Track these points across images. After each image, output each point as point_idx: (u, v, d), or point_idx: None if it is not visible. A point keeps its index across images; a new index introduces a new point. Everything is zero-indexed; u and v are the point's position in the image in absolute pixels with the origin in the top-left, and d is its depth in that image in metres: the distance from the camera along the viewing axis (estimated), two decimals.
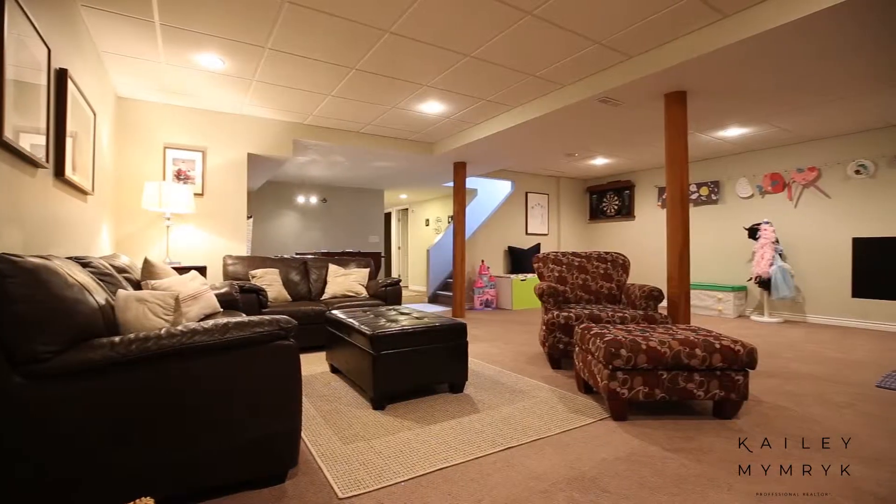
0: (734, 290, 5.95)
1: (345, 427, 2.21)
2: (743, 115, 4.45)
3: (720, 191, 6.46)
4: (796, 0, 2.56)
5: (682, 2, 2.70)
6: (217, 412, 1.47)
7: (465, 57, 3.42)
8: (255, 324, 1.55)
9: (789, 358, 3.65)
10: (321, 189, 8.68)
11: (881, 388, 2.83)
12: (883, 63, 3.23)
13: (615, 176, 8.02)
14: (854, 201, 5.20)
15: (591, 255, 3.92)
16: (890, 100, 4.04)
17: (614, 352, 2.23)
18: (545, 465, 1.83)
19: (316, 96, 4.26)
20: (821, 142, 5.46)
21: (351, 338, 2.74)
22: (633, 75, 3.43)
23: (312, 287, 4.66)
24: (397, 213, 11.77)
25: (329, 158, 6.22)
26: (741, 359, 2.23)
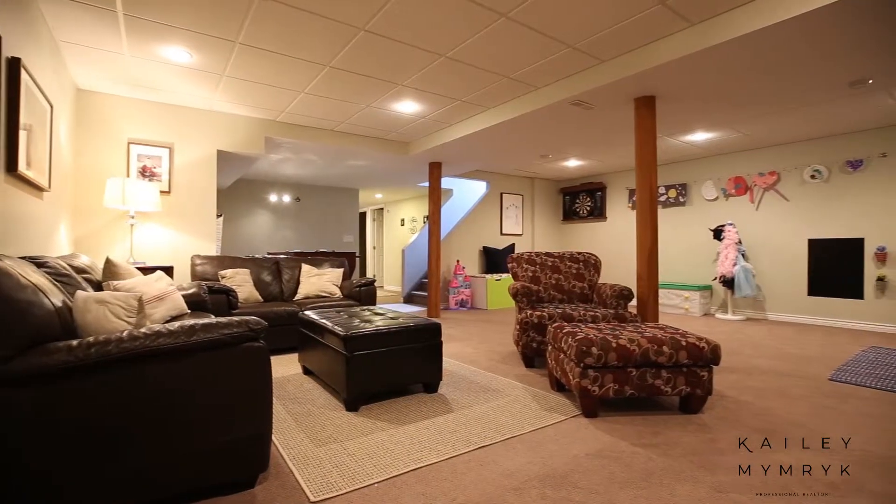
0: (700, 290, 6.16)
1: (317, 429, 2.17)
2: (709, 120, 4.61)
3: (687, 193, 6.67)
4: (758, 12, 2.67)
5: (650, 9, 2.78)
6: (183, 417, 1.43)
7: (440, 57, 3.42)
8: (224, 325, 1.51)
9: (750, 354, 3.80)
10: (294, 187, 8.53)
11: (833, 382, 2.98)
12: (836, 75, 3.40)
13: (588, 178, 8.18)
14: (810, 204, 5.46)
15: (564, 255, 3.98)
16: (840, 109, 4.26)
17: (585, 350, 2.27)
18: (518, 462, 1.85)
19: (289, 93, 4.18)
20: (780, 147, 5.71)
21: (324, 339, 2.70)
22: (604, 79, 3.51)
23: (285, 287, 4.58)
24: (372, 213, 11.67)
25: (302, 157, 6.12)
26: (706, 355, 2.31)
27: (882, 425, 2.24)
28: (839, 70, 3.34)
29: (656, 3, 2.72)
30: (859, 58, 3.12)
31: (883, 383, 2.90)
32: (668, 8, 2.77)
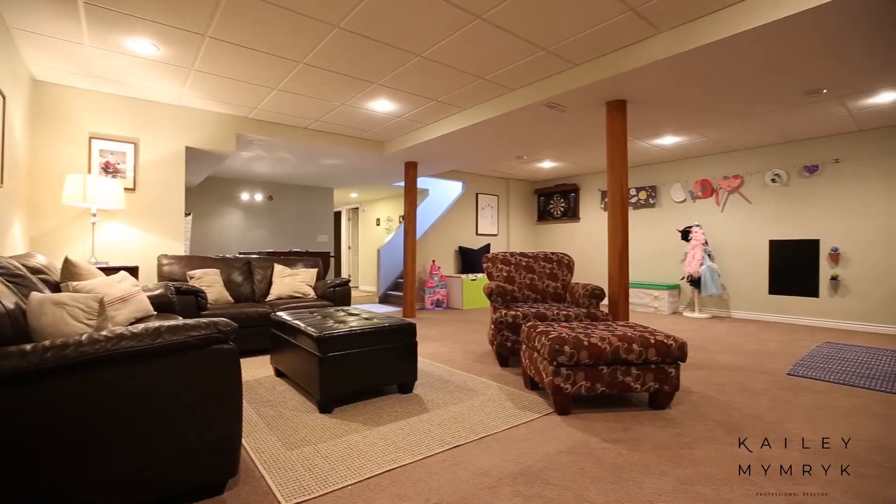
0: (669, 289, 6.35)
1: (290, 432, 2.14)
2: (677, 124, 4.75)
3: (657, 195, 6.87)
4: (722, 22, 2.77)
5: (622, 15, 2.85)
6: (148, 423, 1.38)
7: (415, 56, 3.41)
8: (191, 327, 1.46)
9: (715, 351, 3.94)
10: (267, 186, 8.35)
11: (791, 376, 3.12)
12: (793, 84, 3.56)
13: (562, 179, 8.32)
14: (770, 207, 5.71)
15: (538, 255, 4.04)
16: (798, 117, 4.47)
17: (558, 349, 2.31)
18: (492, 461, 1.86)
19: (261, 89, 4.09)
20: (744, 152, 5.94)
21: (297, 340, 2.66)
22: (577, 83, 3.57)
23: (256, 288, 4.48)
24: (347, 212, 11.55)
25: (275, 155, 6.00)
26: (673, 352, 2.38)
27: (834, 417, 2.36)
28: (796, 79, 3.50)
29: (627, 10, 2.79)
30: (814, 69, 3.28)
31: (835, 377, 3.06)
32: (638, 15, 2.84)
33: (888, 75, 3.44)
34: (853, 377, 3.05)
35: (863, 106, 4.19)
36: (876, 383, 2.91)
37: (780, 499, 1.58)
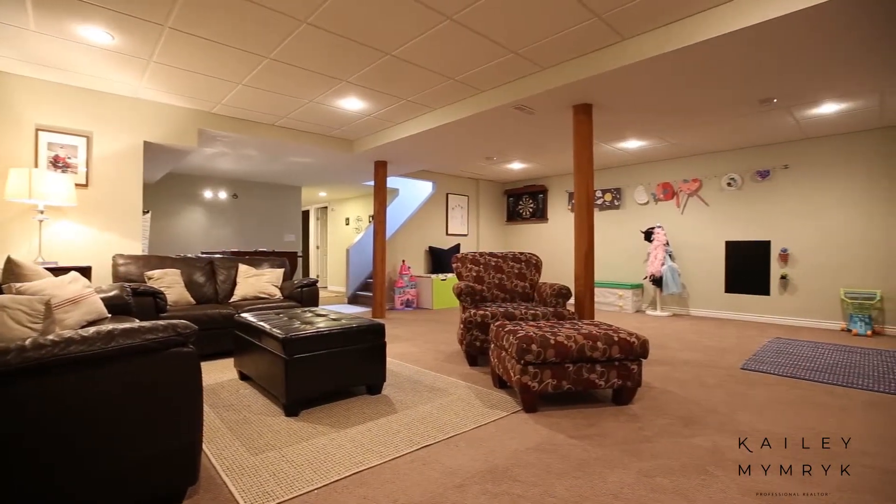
0: (632, 288, 6.56)
1: (254, 437, 2.08)
2: (640, 129, 4.91)
3: (621, 197, 7.08)
4: (681, 32, 2.88)
5: (587, 22, 2.92)
6: (101, 431, 1.31)
7: (385, 55, 3.39)
8: (148, 330, 1.40)
9: (676, 347, 4.10)
10: (231, 183, 8.10)
11: (744, 370, 3.28)
12: (747, 92, 3.75)
13: (531, 180, 8.45)
14: (726, 209, 5.98)
15: (506, 255, 4.09)
16: (751, 124, 4.70)
17: (526, 347, 2.35)
18: (460, 460, 1.87)
19: (225, 84, 3.97)
20: (702, 156, 6.21)
21: (262, 342, 2.59)
22: (545, 86, 3.64)
23: (220, 289, 4.34)
24: (316, 212, 11.34)
25: (240, 151, 5.83)
26: (636, 350, 2.46)
27: (782, 408, 2.50)
28: (749, 89, 3.68)
29: (593, 17, 2.86)
30: (765, 80, 3.47)
31: (784, 370, 3.24)
32: (603, 22, 2.92)
33: (830, 88, 3.67)
34: (799, 370, 3.24)
35: (809, 116, 4.45)
36: (818, 375, 3.10)
37: (746, 490, 1.67)
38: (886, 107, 4.19)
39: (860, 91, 3.76)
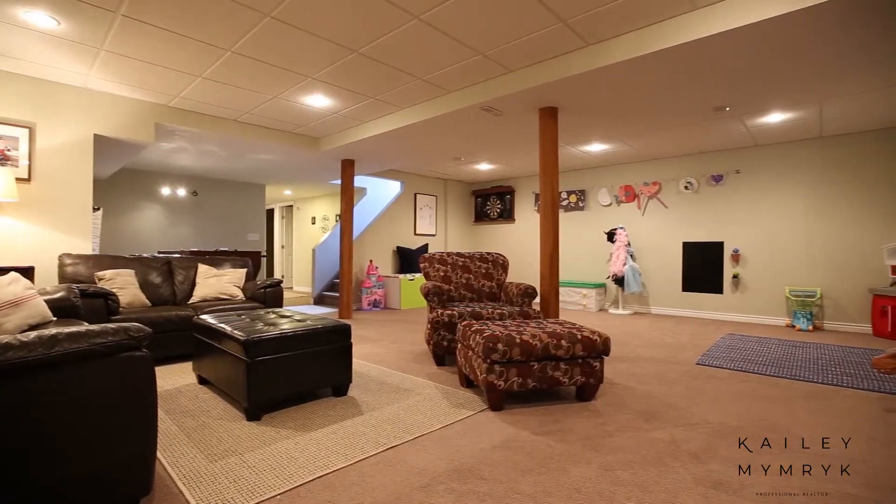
0: (596, 287, 6.74)
1: (213, 443, 2.01)
2: (603, 133, 5.06)
3: (586, 199, 7.26)
4: (641, 40, 2.99)
5: (553, 26, 2.98)
6: (44, 443, 1.23)
7: (352, 52, 3.35)
8: (96, 334, 1.33)
9: (636, 344, 4.25)
10: (191, 180, 7.79)
11: (700, 365, 3.44)
12: (703, 100, 3.93)
13: (498, 181, 8.54)
14: (684, 212, 6.25)
15: (474, 255, 4.12)
16: (706, 131, 4.93)
17: (492, 346, 2.37)
18: (427, 460, 1.87)
19: (184, 76, 3.81)
20: (662, 160, 6.45)
21: (222, 344, 2.50)
22: (512, 88, 3.69)
23: (178, 290, 4.16)
24: (281, 210, 11.07)
25: (200, 147, 5.61)
26: (598, 347, 2.53)
27: (736, 400, 2.63)
28: (706, 97, 3.86)
29: (558, 22, 2.92)
30: (719, 89, 3.64)
31: (736, 364, 3.41)
32: (568, 28, 2.99)
33: (777, 98, 3.90)
34: (748, 364, 3.42)
35: (758, 124, 4.71)
36: (766, 369, 3.28)
37: (696, 479, 1.74)
38: (825, 119, 4.48)
39: (803, 102, 4.01)
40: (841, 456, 1.93)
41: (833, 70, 3.29)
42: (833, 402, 2.60)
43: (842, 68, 3.25)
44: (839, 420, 2.33)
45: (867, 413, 2.43)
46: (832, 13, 2.48)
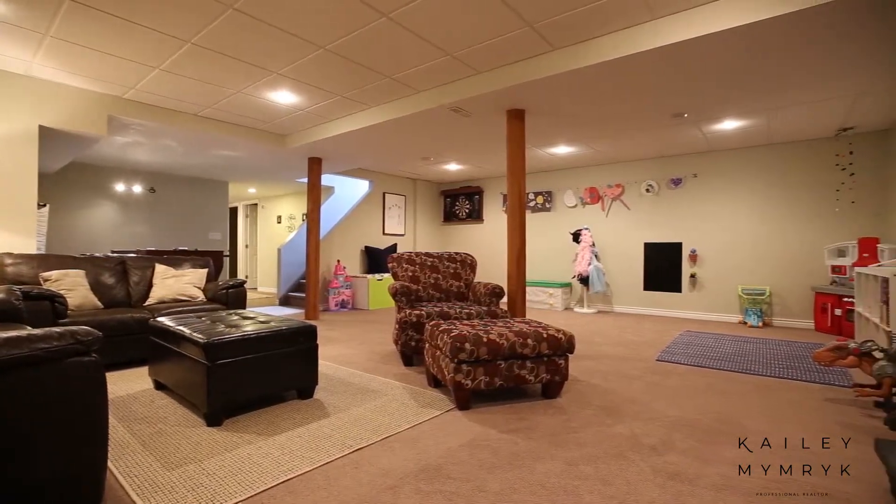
0: (562, 287, 6.89)
1: (171, 451, 1.93)
2: (569, 135, 5.17)
3: (552, 200, 7.41)
4: (607, 46, 3.08)
5: (520, 30, 3.02)
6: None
7: (319, 49, 3.29)
8: (39, 338, 1.25)
9: (600, 342, 4.37)
10: (148, 176, 7.44)
11: (659, 361, 3.57)
12: (663, 106, 4.08)
13: (467, 181, 8.59)
14: (645, 213, 6.47)
15: (442, 255, 4.13)
16: (666, 136, 5.13)
17: (459, 346, 2.39)
18: (394, 461, 1.86)
19: (139, 67, 3.64)
20: (625, 164, 6.66)
21: (181, 347, 2.41)
22: (480, 89, 3.72)
23: (133, 291, 3.97)
24: (245, 209, 10.74)
25: (158, 142, 5.37)
26: (563, 345, 2.59)
27: (693, 394, 2.75)
28: (665, 103, 4.01)
29: (525, 26, 2.97)
30: (677, 96, 3.79)
31: (693, 360, 3.56)
32: (535, 31, 3.04)
33: (731, 107, 4.10)
34: (705, 360, 3.58)
35: (713, 130, 4.94)
36: (721, 364, 3.45)
37: (655, 471, 1.81)
38: (773, 127, 4.75)
39: (753, 111, 4.23)
40: (784, 444, 2.04)
41: (779, 82, 3.48)
42: (781, 395, 2.76)
43: (786, 81, 3.45)
44: (786, 411, 2.47)
45: (809, 404, 2.59)
46: (778, 30, 2.63)
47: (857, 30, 2.65)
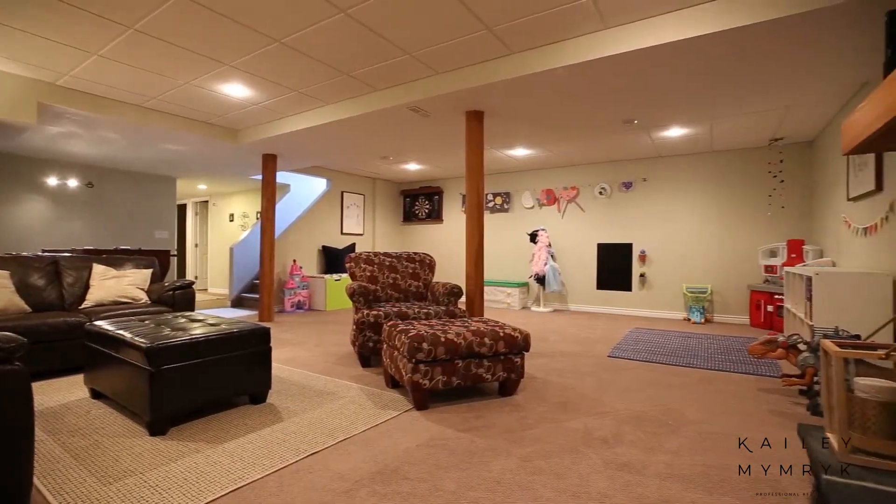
0: (519, 286, 7.03)
1: (108, 464, 1.81)
2: (527, 138, 5.29)
3: (511, 201, 7.55)
4: (560, 52, 3.17)
5: (478, 33, 3.06)
6: None
7: (274, 42, 3.19)
8: None
9: (555, 340, 4.49)
10: (85, 170, 6.94)
11: (611, 358, 3.72)
12: (614, 113, 4.25)
13: (427, 181, 8.59)
14: (598, 215, 6.72)
15: (401, 255, 4.11)
16: (618, 141, 5.35)
17: (417, 346, 2.39)
18: (350, 464, 1.84)
19: (74, 52, 3.38)
20: (580, 167, 6.89)
21: (121, 353, 2.27)
22: (439, 90, 3.73)
23: (67, 293, 3.70)
24: (194, 206, 10.24)
25: (97, 133, 5.02)
26: (519, 344, 2.64)
27: (641, 388, 2.88)
28: (616, 109, 4.18)
29: (484, 29, 3.01)
30: (626, 103, 3.96)
31: (642, 356, 3.73)
32: (494, 35, 3.09)
33: (676, 115, 4.33)
34: (652, 355, 3.76)
35: (661, 137, 5.19)
36: (667, 359, 3.63)
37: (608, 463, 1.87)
38: (715, 135, 5.06)
39: (697, 120, 4.49)
40: (722, 432, 2.18)
41: (719, 94, 3.71)
42: (719, 386, 2.94)
43: (724, 93, 3.69)
44: (724, 401, 2.64)
45: (744, 394, 2.78)
46: (714, 46, 2.80)
47: (784, 49, 2.87)
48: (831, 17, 2.46)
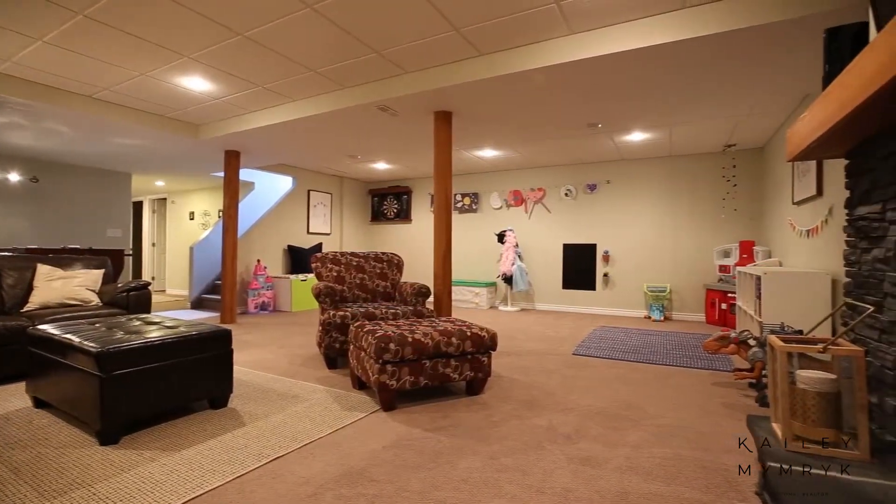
0: (487, 286, 7.09)
1: (52, 477, 1.71)
2: (495, 139, 5.34)
3: (479, 201, 7.61)
4: (526, 55, 3.22)
5: (447, 33, 3.07)
6: None
7: (237, 35, 3.09)
8: None
9: (522, 339, 4.56)
10: (29, 164, 6.50)
11: (575, 355, 3.81)
12: (579, 116, 4.36)
13: (395, 181, 8.54)
14: (564, 216, 6.87)
15: (368, 255, 4.07)
16: (583, 144, 5.49)
17: (384, 346, 2.37)
18: (315, 468, 1.81)
19: (17, 37, 3.17)
20: (547, 168, 7.02)
21: (68, 358, 2.14)
22: (407, 89, 3.72)
23: (7, 295, 3.46)
24: (151, 203, 9.79)
25: (42, 125, 4.72)
26: (486, 343, 2.67)
27: (604, 385, 2.96)
28: (581, 113, 4.29)
29: (452, 30, 3.02)
30: (591, 107, 4.07)
31: (606, 353, 3.84)
32: (462, 36, 3.10)
33: (637, 120, 4.48)
34: (615, 353, 3.88)
35: (623, 141, 5.36)
36: (628, 356, 3.76)
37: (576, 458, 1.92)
38: (673, 140, 5.27)
39: (657, 125, 4.67)
40: (678, 425, 2.28)
41: (677, 101, 3.87)
42: (677, 381, 3.06)
43: (683, 100, 3.85)
44: (681, 395, 2.75)
45: (699, 388, 2.91)
46: (674, 55, 2.92)
47: (736, 61, 3.02)
48: (776, 33, 2.61)
